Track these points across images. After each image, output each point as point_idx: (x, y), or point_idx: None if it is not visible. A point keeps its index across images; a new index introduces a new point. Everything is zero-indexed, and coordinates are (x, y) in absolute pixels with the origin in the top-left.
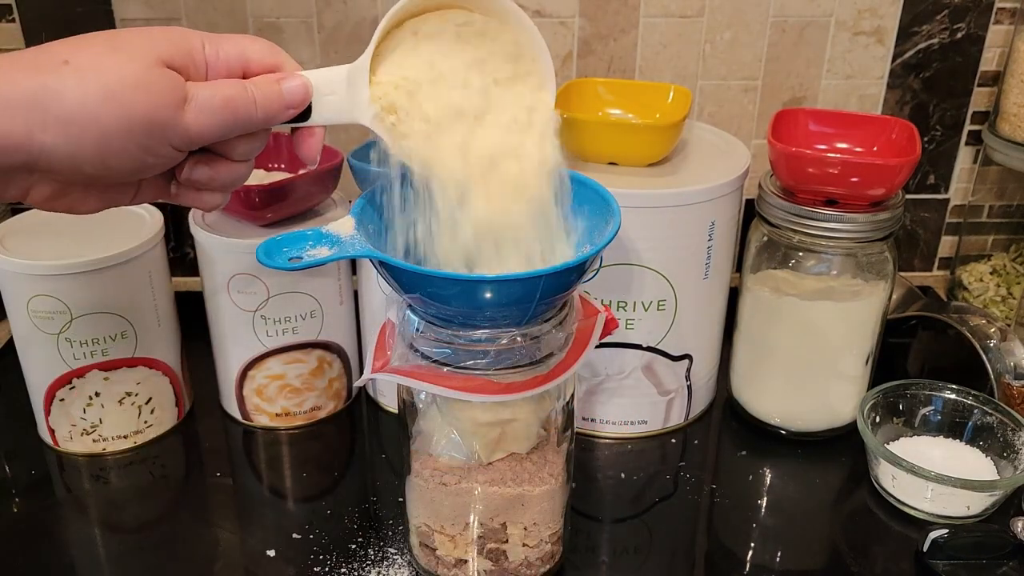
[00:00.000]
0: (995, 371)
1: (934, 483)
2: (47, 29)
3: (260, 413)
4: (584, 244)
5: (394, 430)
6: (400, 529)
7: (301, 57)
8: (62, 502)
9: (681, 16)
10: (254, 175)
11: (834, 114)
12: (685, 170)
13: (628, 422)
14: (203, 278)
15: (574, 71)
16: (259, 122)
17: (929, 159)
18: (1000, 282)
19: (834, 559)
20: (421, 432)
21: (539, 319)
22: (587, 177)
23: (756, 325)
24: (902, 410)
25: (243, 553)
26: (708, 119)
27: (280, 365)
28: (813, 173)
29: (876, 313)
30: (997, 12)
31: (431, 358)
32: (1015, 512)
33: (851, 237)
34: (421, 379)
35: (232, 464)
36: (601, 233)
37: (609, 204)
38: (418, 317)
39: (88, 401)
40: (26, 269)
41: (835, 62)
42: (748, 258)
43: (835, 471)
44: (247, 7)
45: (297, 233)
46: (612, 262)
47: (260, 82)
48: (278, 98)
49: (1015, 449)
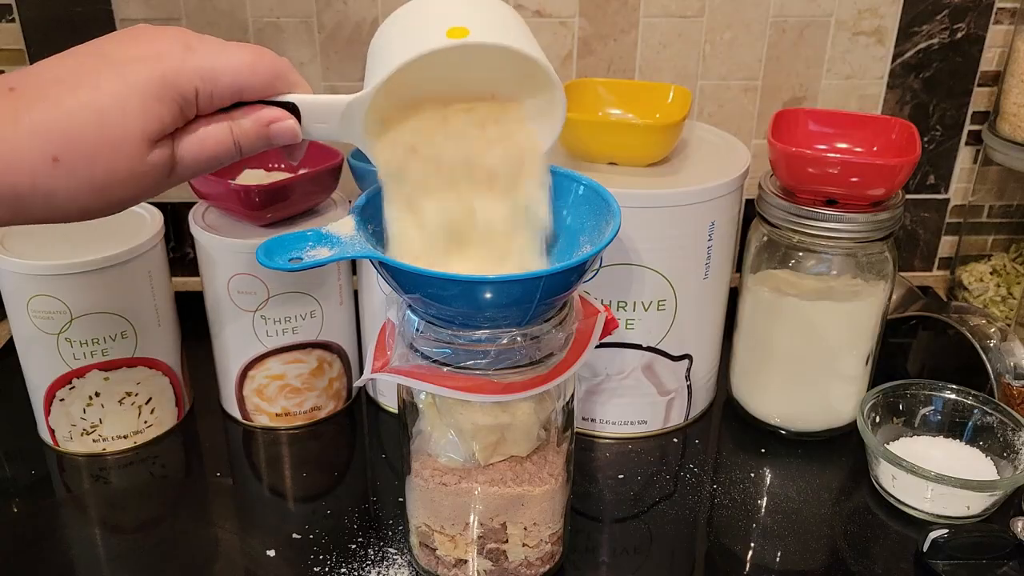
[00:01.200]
0: (995, 371)
1: (934, 483)
2: (47, 29)
3: (260, 413)
4: (585, 244)
5: (394, 430)
6: (400, 529)
7: (301, 57)
8: (62, 502)
9: (681, 16)
10: (254, 175)
11: (834, 114)
12: (685, 170)
13: (628, 422)
14: (203, 278)
15: (574, 71)
16: (238, 157)
17: (929, 159)
18: (1000, 282)
19: (834, 559)
20: (421, 432)
21: (539, 319)
22: (587, 177)
23: (756, 325)
24: (902, 410)
25: (243, 553)
26: (708, 119)
27: (280, 365)
28: (813, 173)
29: (876, 313)
30: (997, 12)
31: (431, 358)
32: (1015, 512)
33: (851, 237)
34: (421, 379)
35: (232, 464)
36: (601, 233)
37: (609, 204)
38: (418, 317)
39: (88, 401)
40: (26, 269)
41: (835, 62)
42: (748, 258)
43: (835, 471)
44: (247, 7)
45: (297, 233)
46: (612, 262)
47: (248, 126)
48: (264, 142)
49: (1015, 449)
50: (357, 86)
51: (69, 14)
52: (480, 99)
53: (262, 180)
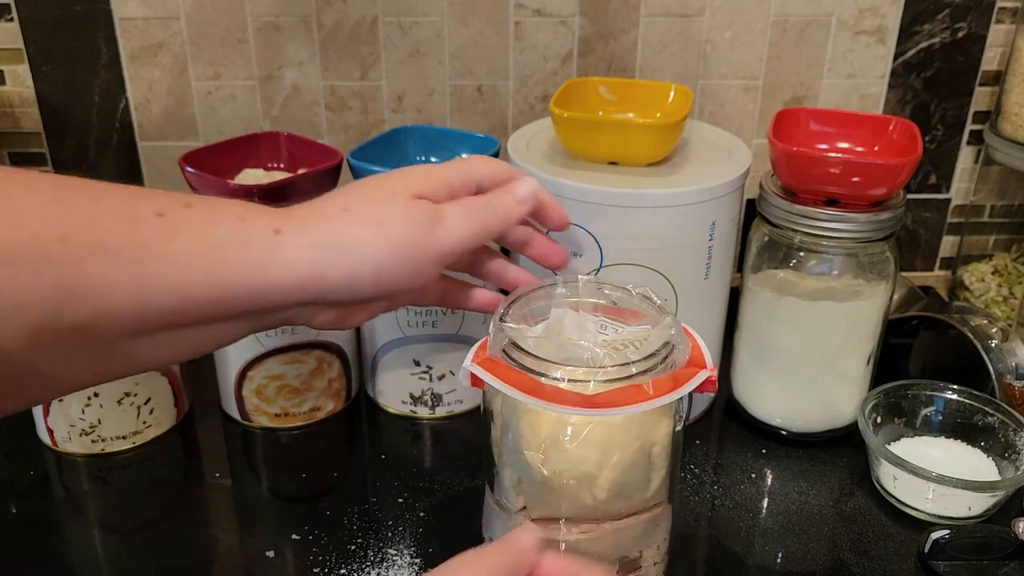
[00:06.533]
0: (996, 371)
1: (935, 484)
2: (46, 28)
3: (259, 413)
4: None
5: (394, 430)
6: (400, 530)
7: (300, 56)
8: (61, 503)
9: (682, 15)
10: (253, 175)
11: (835, 113)
12: (685, 170)
13: None
14: None
15: (574, 70)
16: (499, 226)
17: (930, 159)
18: (1002, 282)
19: (835, 560)
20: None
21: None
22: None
23: (757, 325)
24: (903, 411)
25: (242, 554)
26: (709, 118)
27: (279, 365)
28: (814, 173)
29: (877, 313)
30: (998, 11)
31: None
32: (1016, 513)
33: (852, 237)
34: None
35: (231, 465)
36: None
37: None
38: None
39: (87, 401)
40: None
41: (836, 61)
42: (749, 258)
43: (836, 472)
44: (246, 6)
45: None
46: (612, 262)
47: (498, 193)
48: (513, 203)
49: (1016, 450)
50: (357, 85)
51: (68, 13)
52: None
53: (261, 180)
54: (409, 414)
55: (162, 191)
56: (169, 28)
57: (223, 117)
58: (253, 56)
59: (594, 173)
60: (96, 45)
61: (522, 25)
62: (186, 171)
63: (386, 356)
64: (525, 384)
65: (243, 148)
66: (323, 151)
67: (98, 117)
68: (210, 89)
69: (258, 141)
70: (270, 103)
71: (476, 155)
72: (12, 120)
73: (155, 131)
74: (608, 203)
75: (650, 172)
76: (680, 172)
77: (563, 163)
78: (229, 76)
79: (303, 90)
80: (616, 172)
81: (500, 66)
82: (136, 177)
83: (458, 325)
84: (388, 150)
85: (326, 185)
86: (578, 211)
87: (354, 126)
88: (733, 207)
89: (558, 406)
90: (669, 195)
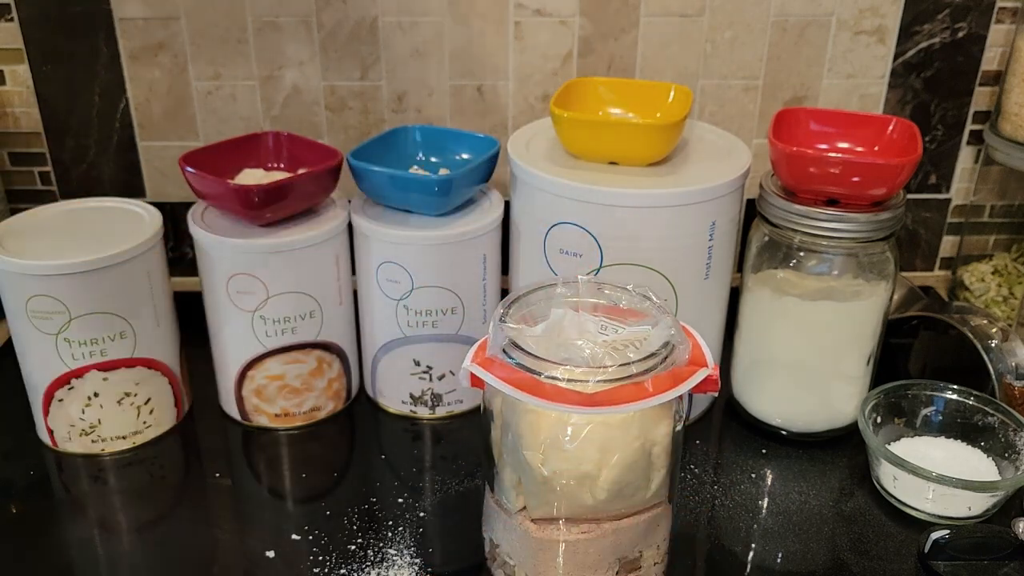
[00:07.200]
0: (996, 371)
1: (935, 484)
2: (46, 29)
3: (259, 413)
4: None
5: (394, 430)
6: (400, 530)
7: (300, 56)
8: (61, 503)
9: (682, 15)
10: (253, 175)
11: (835, 113)
12: (686, 170)
13: None
14: (202, 278)
15: (574, 70)
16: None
17: (930, 159)
18: (1001, 282)
19: (835, 560)
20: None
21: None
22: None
23: (757, 325)
24: (903, 410)
25: (242, 554)
26: (709, 118)
27: (279, 365)
28: (814, 173)
29: (877, 313)
30: (998, 11)
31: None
32: (1016, 513)
33: (852, 237)
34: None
35: (231, 465)
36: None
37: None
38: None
39: (87, 401)
40: (25, 269)
41: (836, 61)
42: (749, 258)
43: (836, 472)
44: (246, 6)
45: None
46: (612, 262)
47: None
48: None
49: (1016, 450)
50: (357, 85)
51: (68, 13)
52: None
53: (261, 180)
54: (409, 414)
55: None
56: (169, 28)
57: (223, 117)
58: (253, 56)
59: (594, 173)
60: (96, 45)
61: (522, 25)
62: (186, 171)
63: (386, 356)
64: (525, 384)
65: (243, 148)
66: (323, 151)
67: (98, 117)
68: (210, 89)
69: (258, 141)
70: (270, 103)
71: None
72: (12, 120)
73: (155, 131)
74: (608, 203)
75: (650, 172)
76: (680, 172)
77: (563, 163)
78: (229, 76)
79: (303, 90)
80: (616, 172)
81: (500, 66)
82: (136, 177)
83: (458, 325)
84: (388, 150)
85: (327, 185)
86: (578, 211)
87: (354, 126)
88: (733, 207)
89: (558, 405)
90: (669, 195)
